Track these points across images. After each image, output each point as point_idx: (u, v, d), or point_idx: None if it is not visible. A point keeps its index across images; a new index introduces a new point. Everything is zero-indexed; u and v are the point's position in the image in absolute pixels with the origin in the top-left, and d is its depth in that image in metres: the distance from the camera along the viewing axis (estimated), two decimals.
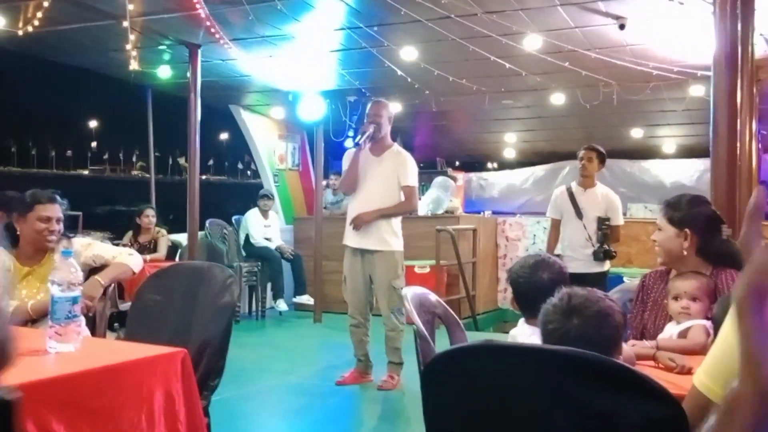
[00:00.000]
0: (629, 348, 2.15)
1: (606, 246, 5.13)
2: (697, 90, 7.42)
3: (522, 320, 2.33)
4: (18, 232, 3.04)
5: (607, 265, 5.28)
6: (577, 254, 5.13)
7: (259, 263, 8.05)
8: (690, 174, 10.75)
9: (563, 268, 2.30)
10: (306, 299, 7.97)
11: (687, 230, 2.43)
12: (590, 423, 1.34)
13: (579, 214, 5.20)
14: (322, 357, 6.30)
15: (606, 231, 5.12)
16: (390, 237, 4.88)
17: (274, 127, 9.82)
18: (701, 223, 2.46)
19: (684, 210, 2.48)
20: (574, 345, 1.50)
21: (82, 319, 2.22)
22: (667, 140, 11.07)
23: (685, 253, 2.44)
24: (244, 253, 8.16)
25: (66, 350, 2.01)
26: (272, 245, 8.13)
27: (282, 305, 7.90)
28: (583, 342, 1.56)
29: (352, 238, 4.92)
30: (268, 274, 8.04)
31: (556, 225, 5.39)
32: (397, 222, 4.93)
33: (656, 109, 8.97)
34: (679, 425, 1.31)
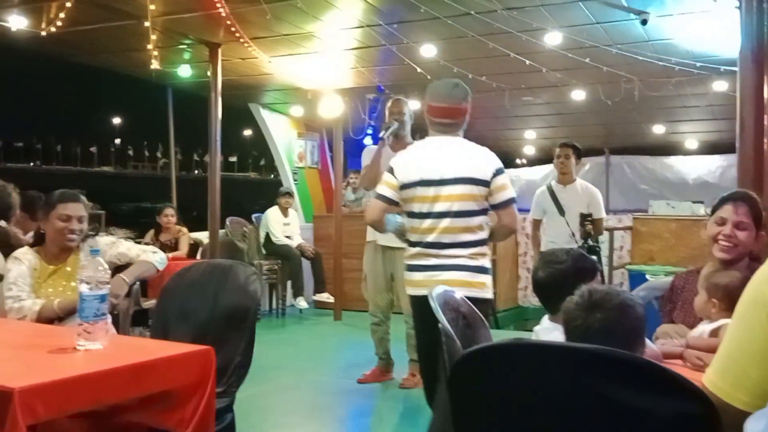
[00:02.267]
0: (657, 346, 2.13)
1: (590, 242, 5.15)
2: (720, 85, 7.33)
3: (546, 317, 2.31)
4: (42, 231, 3.07)
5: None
6: None
7: (279, 261, 8.08)
8: (713, 170, 10.63)
9: (580, 261, 2.28)
10: (326, 297, 7.99)
11: (763, 232, 2.40)
12: (620, 420, 1.34)
13: (561, 210, 5.28)
14: (342, 355, 6.32)
15: (588, 227, 5.14)
16: None
17: (294, 126, 9.84)
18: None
19: (760, 209, 2.43)
20: (598, 339, 1.50)
21: (109, 317, 2.24)
22: (690, 136, 10.95)
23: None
24: (264, 251, 8.19)
25: (94, 348, 2.02)
26: (293, 243, 8.15)
27: (302, 303, 7.93)
28: (606, 335, 1.57)
29: (378, 234, 4.91)
30: (288, 272, 8.07)
31: (537, 225, 5.53)
32: None
33: (678, 104, 8.88)
34: (709, 421, 1.30)
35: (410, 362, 4.94)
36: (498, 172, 3.18)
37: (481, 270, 3.22)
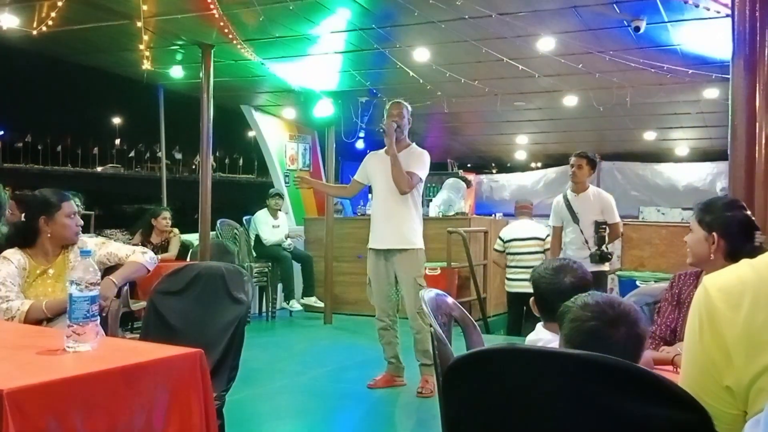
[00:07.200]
0: (648, 352, 2.13)
1: (603, 248, 5.38)
2: (711, 92, 7.38)
3: (540, 325, 2.31)
4: (37, 232, 3.04)
5: (607, 266, 5.53)
6: (576, 256, 5.23)
7: (270, 264, 8.05)
8: (703, 177, 10.69)
9: (586, 273, 2.29)
10: (314, 301, 7.95)
11: (714, 234, 2.40)
12: (614, 428, 1.33)
13: (575, 219, 5.48)
14: (332, 358, 6.29)
15: (603, 233, 5.38)
16: (412, 235, 4.88)
17: (286, 128, 9.82)
18: (732, 228, 2.40)
19: (715, 213, 2.44)
20: (621, 352, 1.49)
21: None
22: (680, 143, 11.01)
23: (712, 257, 2.40)
24: (254, 254, 8.16)
25: (84, 350, 2.00)
26: (283, 242, 8.12)
27: (295, 305, 7.90)
28: (630, 348, 1.60)
29: (376, 241, 4.94)
30: (279, 275, 8.04)
31: (557, 232, 5.71)
32: (417, 222, 4.93)
33: (670, 111, 8.93)
34: (705, 430, 1.29)
35: (421, 367, 4.87)
36: (547, 235, 6.43)
37: None
